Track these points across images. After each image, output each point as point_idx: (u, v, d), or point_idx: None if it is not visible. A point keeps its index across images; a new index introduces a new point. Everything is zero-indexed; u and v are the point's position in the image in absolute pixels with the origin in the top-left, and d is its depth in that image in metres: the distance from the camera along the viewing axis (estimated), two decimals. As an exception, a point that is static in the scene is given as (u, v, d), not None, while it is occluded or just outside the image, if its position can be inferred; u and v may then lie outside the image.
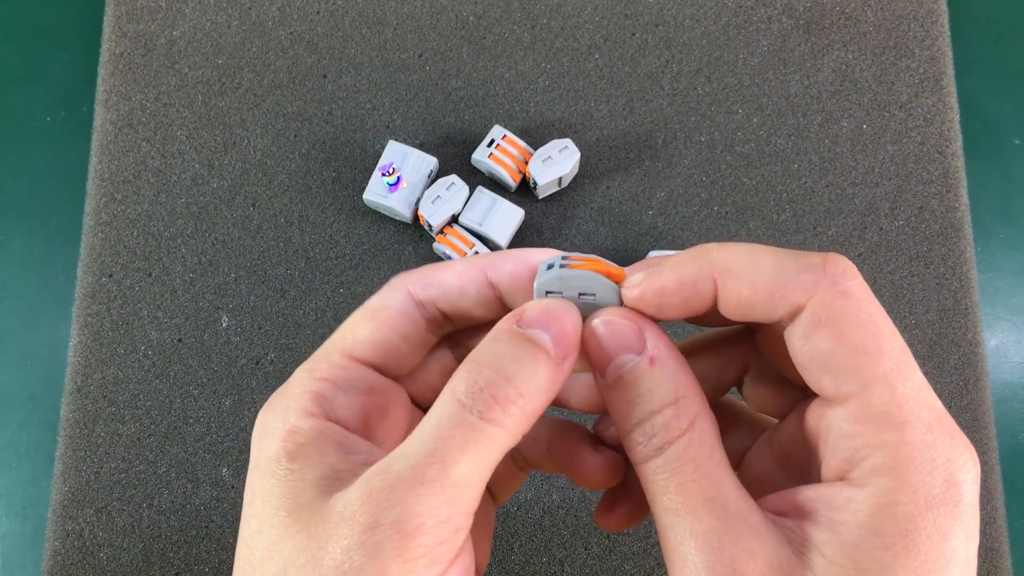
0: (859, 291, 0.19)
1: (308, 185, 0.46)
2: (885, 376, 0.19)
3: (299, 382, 0.21)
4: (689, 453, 0.19)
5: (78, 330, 0.45)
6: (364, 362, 0.21)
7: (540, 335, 0.19)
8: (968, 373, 0.44)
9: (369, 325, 0.21)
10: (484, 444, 0.18)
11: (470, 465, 0.18)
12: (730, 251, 0.20)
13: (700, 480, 0.19)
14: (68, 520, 0.43)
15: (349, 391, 0.21)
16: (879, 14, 0.49)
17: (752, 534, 0.18)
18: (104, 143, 0.47)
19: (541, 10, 0.49)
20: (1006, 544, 0.43)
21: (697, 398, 0.20)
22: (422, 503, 0.17)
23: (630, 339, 0.20)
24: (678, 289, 0.20)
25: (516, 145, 0.45)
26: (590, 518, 0.43)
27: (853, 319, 0.19)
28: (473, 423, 0.18)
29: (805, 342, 0.19)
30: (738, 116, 0.47)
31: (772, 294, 0.19)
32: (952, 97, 0.48)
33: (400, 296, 0.22)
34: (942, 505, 0.18)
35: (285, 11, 0.49)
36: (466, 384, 0.19)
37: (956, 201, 0.46)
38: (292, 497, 0.19)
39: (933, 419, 0.19)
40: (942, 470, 0.19)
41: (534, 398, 0.19)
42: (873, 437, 0.19)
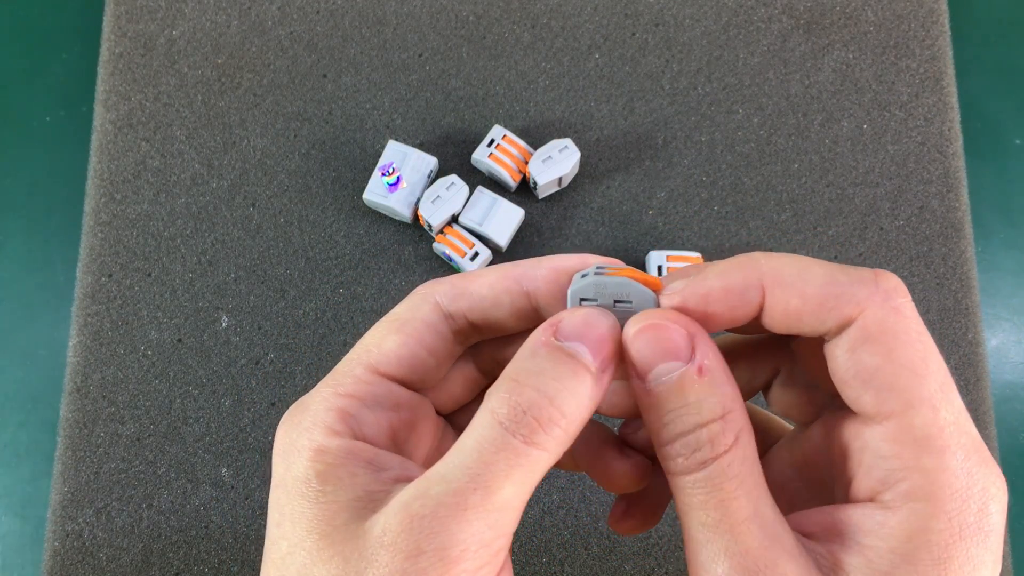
0: (909, 309, 0.19)
1: (308, 185, 0.46)
2: (930, 398, 0.18)
3: (323, 398, 0.20)
4: (733, 470, 0.19)
5: (78, 330, 0.45)
6: (390, 377, 0.21)
7: (579, 348, 0.18)
8: (968, 373, 0.44)
9: (395, 338, 0.21)
10: (528, 468, 0.18)
11: (513, 489, 0.17)
12: (779, 260, 0.19)
13: (741, 499, 0.18)
14: (68, 520, 0.43)
15: (375, 408, 0.20)
16: (879, 14, 0.49)
17: (787, 559, 0.18)
18: (104, 143, 0.47)
19: (541, 10, 0.48)
20: (1007, 544, 0.43)
21: (742, 412, 0.19)
22: (466, 529, 0.17)
23: (679, 345, 0.19)
24: (724, 296, 0.19)
25: (516, 145, 0.45)
26: (590, 518, 0.43)
27: (904, 337, 0.18)
28: (517, 447, 0.18)
29: (851, 356, 0.19)
30: (738, 116, 0.47)
31: (823, 305, 0.19)
32: (952, 97, 0.48)
33: (428, 308, 0.21)
34: (976, 535, 0.18)
35: (285, 11, 0.49)
36: (508, 406, 0.18)
37: (956, 201, 0.46)
38: (325, 520, 0.18)
39: (971, 447, 0.18)
40: (977, 499, 0.18)
41: (576, 417, 0.18)
42: (911, 460, 0.18)
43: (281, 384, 0.44)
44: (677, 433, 0.19)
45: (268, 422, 0.44)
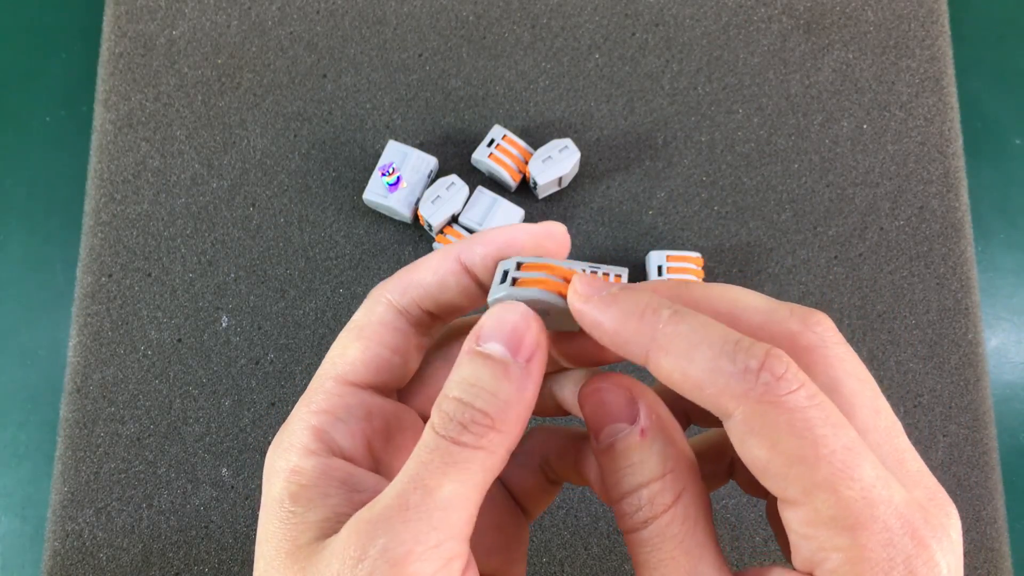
0: (791, 399, 0.18)
1: (308, 185, 0.46)
2: (826, 482, 0.18)
3: (299, 418, 0.21)
4: (671, 530, 0.19)
5: (77, 330, 0.45)
6: (359, 384, 0.21)
7: (495, 348, 0.19)
8: (968, 373, 0.44)
9: (357, 345, 0.21)
10: (464, 466, 0.18)
11: (453, 486, 0.18)
12: (674, 327, 0.19)
13: (679, 557, 0.19)
14: (68, 520, 0.43)
15: (348, 419, 0.21)
16: (879, 14, 0.49)
17: None
18: (104, 143, 0.47)
19: (541, 10, 0.48)
20: (1006, 544, 0.43)
21: (685, 472, 0.20)
22: (409, 528, 0.17)
23: (622, 408, 0.20)
24: (612, 336, 0.19)
25: (516, 145, 0.45)
26: (590, 518, 0.43)
27: (785, 428, 0.18)
28: (447, 447, 0.18)
29: (743, 448, 0.18)
30: (738, 116, 0.47)
31: (702, 390, 0.18)
32: (952, 97, 0.48)
33: (382, 308, 0.21)
34: None
35: (285, 11, 0.49)
36: (439, 415, 0.19)
37: (956, 201, 0.46)
38: (291, 539, 0.19)
39: (890, 516, 0.18)
40: (901, 568, 0.18)
41: (504, 413, 0.19)
42: (826, 541, 0.18)
43: (281, 384, 0.44)
44: (623, 492, 0.20)
45: (268, 422, 0.44)
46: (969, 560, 0.43)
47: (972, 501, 0.43)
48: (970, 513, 0.43)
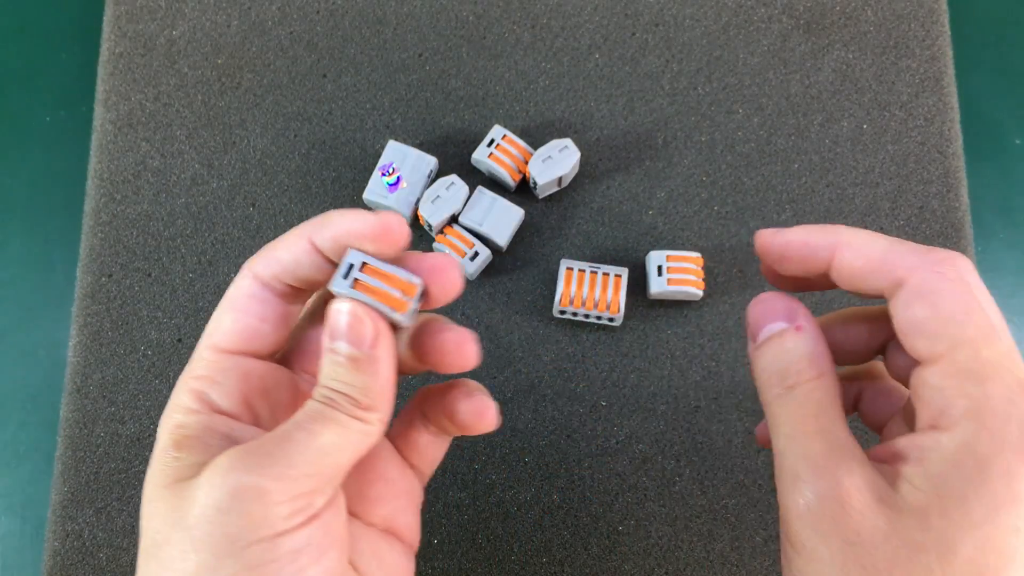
0: (953, 273, 0.23)
1: (308, 185, 0.46)
2: (971, 340, 0.22)
3: (181, 384, 0.23)
4: (815, 395, 0.24)
5: (77, 330, 0.45)
6: (232, 351, 0.24)
7: (342, 346, 0.22)
8: (968, 373, 0.44)
9: (228, 316, 0.24)
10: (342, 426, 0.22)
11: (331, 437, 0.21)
12: (853, 230, 0.24)
13: (819, 416, 0.23)
14: (68, 520, 0.43)
15: (225, 381, 0.23)
16: (879, 14, 0.49)
17: (854, 462, 0.22)
18: (103, 143, 0.47)
19: (541, 10, 0.48)
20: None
21: (829, 362, 0.24)
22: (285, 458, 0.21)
23: (781, 312, 0.25)
24: (800, 247, 0.25)
25: (516, 145, 0.45)
26: (590, 518, 0.43)
27: (946, 294, 0.22)
28: (329, 410, 0.22)
29: (905, 310, 0.23)
30: (738, 116, 0.47)
31: (880, 268, 0.23)
32: (952, 97, 0.48)
33: (247, 281, 0.24)
34: (1015, 451, 0.22)
35: (285, 11, 0.49)
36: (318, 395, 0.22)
37: (956, 201, 0.46)
38: (173, 476, 0.21)
39: (1013, 381, 0.22)
40: (1017, 421, 0.22)
41: (366, 395, 0.22)
42: (958, 388, 0.22)
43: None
44: (776, 371, 0.24)
45: (268, 422, 0.44)
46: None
47: (972, 501, 0.43)
48: (970, 513, 0.43)
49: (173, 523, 0.21)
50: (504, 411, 0.44)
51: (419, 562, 0.43)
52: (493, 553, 0.42)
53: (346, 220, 0.23)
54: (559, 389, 0.44)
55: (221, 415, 0.23)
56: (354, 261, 0.22)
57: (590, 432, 0.44)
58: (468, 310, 0.45)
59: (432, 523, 0.43)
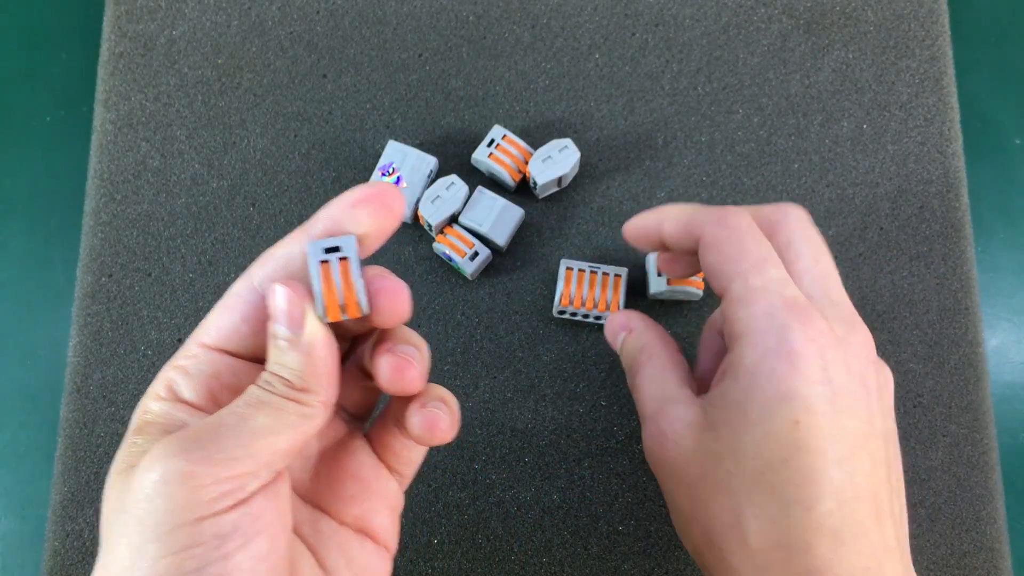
0: (732, 222, 0.29)
1: (308, 185, 0.46)
2: (743, 273, 0.28)
3: (160, 373, 0.25)
4: (647, 371, 0.32)
5: (78, 330, 0.45)
6: (212, 347, 0.24)
7: (280, 329, 0.23)
8: (968, 373, 0.44)
9: (217, 313, 0.25)
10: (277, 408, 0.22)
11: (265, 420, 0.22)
12: (671, 206, 0.32)
13: (652, 383, 0.32)
14: (68, 520, 0.43)
15: (197, 375, 0.24)
16: (879, 14, 0.49)
17: (675, 405, 0.30)
18: (104, 143, 0.47)
19: (541, 10, 0.48)
20: (1006, 544, 0.43)
21: (658, 345, 0.33)
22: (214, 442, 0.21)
23: (620, 323, 0.35)
24: (641, 229, 0.33)
25: (516, 145, 0.45)
26: (590, 518, 0.43)
27: (725, 240, 0.29)
28: (263, 394, 0.23)
29: (703, 260, 0.30)
30: (738, 116, 0.47)
31: (686, 229, 0.31)
32: (952, 97, 0.48)
33: (240, 282, 0.25)
34: (776, 356, 0.26)
35: (285, 11, 0.49)
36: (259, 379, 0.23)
37: (956, 201, 0.46)
38: (127, 462, 0.22)
39: (777, 300, 0.27)
40: (776, 332, 0.27)
41: (303, 377, 0.23)
42: (734, 313, 0.28)
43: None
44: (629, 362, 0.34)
45: (268, 422, 0.44)
46: (968, 560, 0.43)
47: (972, 501, 0.43)
48: (970, 513, 0.43)
49: (117, 509, 0.21)
50: (504, 411, 0.44)
51: (419, 562, 0.43)
52: (493, 553, 0.42)
53: (334, 202, 0.24)
54: (559, 389, 0.44)
55: (185, 404, 0.24)
56: (343, 247, 0.23)
57: (590, 432, 0.44)
58: (468, 310, 0.45)
59: (432, 523, 0.43)
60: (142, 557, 0.20)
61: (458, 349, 0.44)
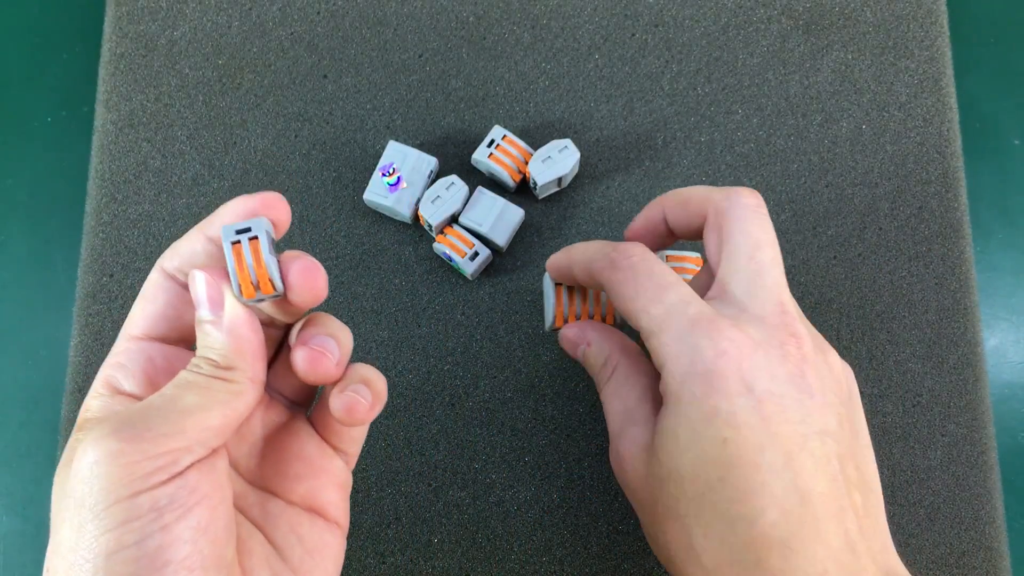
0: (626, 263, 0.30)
1: (308, 185, 0.47)
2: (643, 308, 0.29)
3: (98, 373, 0.26)
4: (611, 386, 0.32)
5: (79, 330, 0.45)
6: (142, 337, 0.26)
7: (203, 313, 0.25)
8: (967, 373, 0.44)
9: (139, 304, 0.26)
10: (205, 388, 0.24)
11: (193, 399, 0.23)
12: (577, 247, 0.33)
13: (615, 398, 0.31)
14: (69, 520, 0.43)
15: (130, 364, 0.25)
16: (878, 14, 0.49)
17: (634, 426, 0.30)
18: (105, 143, 0.47)
19: (541, 11, 0.49)
20: (1005, 544, 0.43)
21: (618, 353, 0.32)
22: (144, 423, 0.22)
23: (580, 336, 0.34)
24: (556, 266, 0.34)
25: (516, 145, 0.45)
26: (590, 518, 0.43)
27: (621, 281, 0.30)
28: (192, 376, 0.24)
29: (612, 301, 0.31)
30: (738, 116, 0.47)
31: (590, 275, 0.31)
32: (951, 97, 0.48)
33: (156, 273, 0.27)
34: (692, 378, 0.27)
35: (286, 12, 0.49)
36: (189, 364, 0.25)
37: (955, 201, 0.46)
38: (68, 454, 0.23)
39: (683, 321, 0.27)
40: (687, 355, 0.27)
41: (227, 355, 0.24)
42: (649, 345, 0.29)
43: (282, 384, 0.44)
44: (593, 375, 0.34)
45: (269, 422, 0.44)
46: (968, 560, 0.43)
47: (971, 500, 0.43)
48: (969, 512, 0.43)
49: (59, 496, 0.22)
50: (504, 411, 0.44)
51: (419, 562, 0.43)
52: (493, 553, 0.43)
53: (228, 206, 0.26)
54: (559, 389, 0.44)
55: (123, 395, 0.25)
56: (253, 227, 0.24)
57: (590, 432, 0.44)
58: (468, 310, 0.45)
59: (432, 523, 0.43)
60: (83, 535, 0.21)
61: (458, 349, 0.44)
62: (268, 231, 0.24)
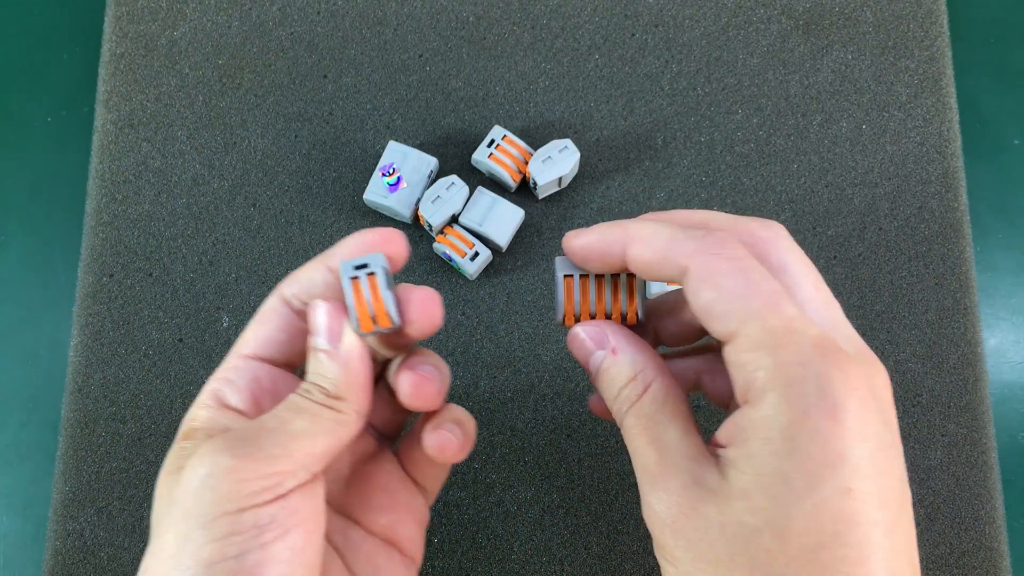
0: (729, 252, 0.24)
1: (308, 185, 0.47)
2: (757, 313, 0.23)
3: (206, 384, 0.27)
4: (644, 410, 0.25)
5: (79, 330, 0.45)
6: (251, 356, 0.27)
7: (320, 341, 0.25)
8: (967, 373, 0.44)
9: (254, 326, 0.27)
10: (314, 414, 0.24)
11: (303, 424, 0.24)
12: (640, 224, 0.26)
13: (650, 427, 0.25)
14: (69, 520, 0.43)
15: (238, 381, 0.26)
16: (878, 14, 0.49)
17: (674, 474, 0.24)
18: (105, 143, 0.47)
19: (541, 10, 0.49)
20: (1005, 544, 0.43)
21: (652, 370, 0.26)
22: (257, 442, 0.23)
23: (600, 339, 0.27)
24: (598, 247, 0.26)
25: (516, 145, 0.45)
26: (590, 518, 0.43)
27: (727, 273, 0.23)
28: (302, 400, 0.25)
29: (695, 297, 0.24)
30: (738, 116, 0.47)
31: (666, 258, 0.25)
32: (951, 97, 0.48)
33: (273, 298, 0.27)
34: (819, 413, 0.22)
35: (285, 12, 0.49)
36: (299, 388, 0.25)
37: (955, 201, 0.46)
38: (176, 463, 0.24)
39: (806, 342, 0.22)
40: (814, 382, 0.22)
41: (338, 386, 0.25)
42: (755, 361, 0.23)
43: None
44: (613, 398, 0.26)
45: (269, 422, 0.44)
46: (968, 559, 0.43)
47: (971, 500, 0.43)
48: (969, 513, 0.43)
49: (167, 504, 0.23)
50: (504, 411, 0.44)
51: (419, 561, 0.43)
52: (493, 553, 0.43)
53: (348, 240, 0.26)
54: (559, 389, 0.44)
55: (229, 410, 0.26)
56: (371, 263, 0.25)
57: (590, 432, 0.44)
58: (468, 310, 0.45)
59: (432, 523, 0.43)
60: (188, 543, 0.22)
61: (458, 349, 0.44)
62: (385, 267, 0.25)
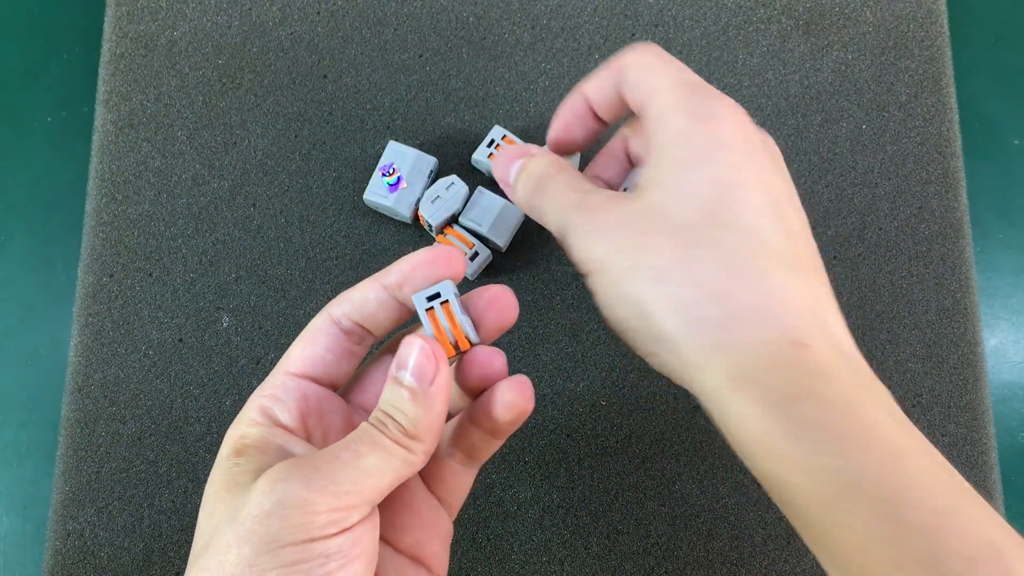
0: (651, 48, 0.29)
1: (308, 185, 0.47)
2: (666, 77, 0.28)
3: (252, 399, 0.27)
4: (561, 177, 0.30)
5: (79, 330, 0.45)
6: (298, 375, 0.27)
7: (406, 377, 0.25)
8: (967, 373, 0.44)
9: (301, 345, 0.28)
10: (387, 451, 0.24)
11: (375, 460, 0.24)
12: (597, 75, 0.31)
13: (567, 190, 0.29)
14: (69, 520, 0.43)
15: (287, 399, 0.27)
16: (878, 14, 0.49)
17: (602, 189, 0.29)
18: (105, 143, 0.47)
19: (541, 11, 0.49)
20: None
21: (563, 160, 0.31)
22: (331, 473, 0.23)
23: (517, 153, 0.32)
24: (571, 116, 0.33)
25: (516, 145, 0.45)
26: (590, 518, 0.43)
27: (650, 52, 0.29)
28: (378, 435, 0.25)
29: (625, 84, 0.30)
30: (738, 116, 0.47)
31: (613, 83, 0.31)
32: (951, 97, 0.48)
33: (321, 317, 0.28)
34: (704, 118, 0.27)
35: (285, 12, 0.49)
36: (373, 419, 0.25)
37: (955, 201, 0.46)
38: (231, 480, 0.24)
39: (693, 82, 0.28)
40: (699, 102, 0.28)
41: (416, 426, 0.25)
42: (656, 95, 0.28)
43: (282, 384, 0.44)
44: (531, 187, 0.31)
45: (269, 422, 0.44)
46: (968, 559, 0.43)
47: (971, 500, 0.43)
48: (969, 512, 0.43)
49: (227, 520, 0.23)
50: (504, 411, 0.44)
51: (419, 561, 0.43)
52: (493, 553, 0.43)
53: (408, 260, 0.27)
54: (559, 389, 0.44)
55: (280, 428, 0.26)
56: (442, 292, 0.26)
57: (590, 432, 0.44)
58: (468, 310, 0.45)
59: (432, 522, 0.43)
60: (253, 566, 0.22)
61: (458, 349, 0.45)
62: (456, 293, 0.26)
